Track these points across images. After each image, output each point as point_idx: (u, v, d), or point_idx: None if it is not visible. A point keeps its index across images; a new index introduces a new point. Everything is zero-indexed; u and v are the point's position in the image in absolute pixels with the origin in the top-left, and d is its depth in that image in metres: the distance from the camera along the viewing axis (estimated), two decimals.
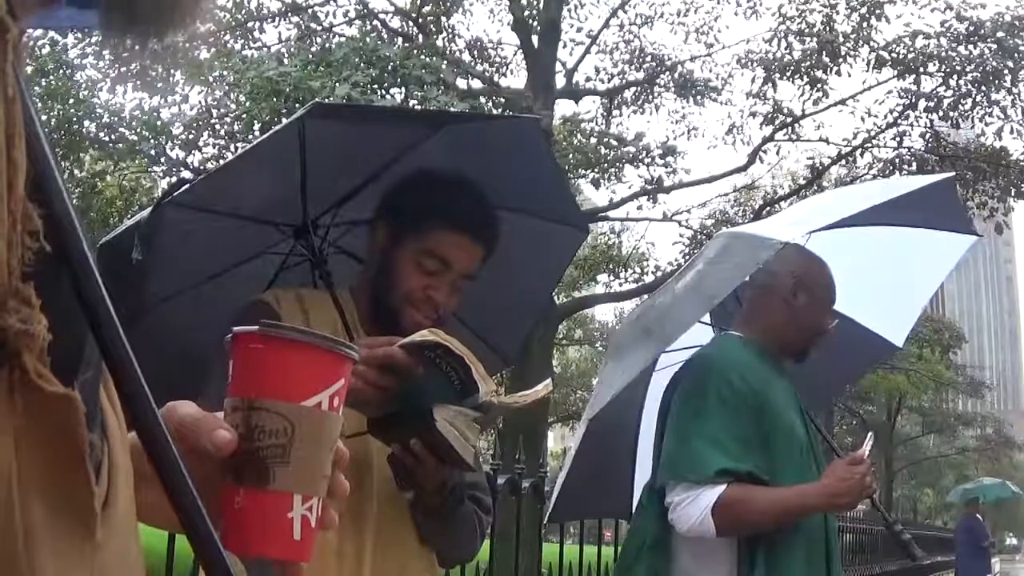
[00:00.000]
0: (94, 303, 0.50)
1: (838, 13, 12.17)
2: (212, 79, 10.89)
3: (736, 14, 14.01)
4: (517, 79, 13.54)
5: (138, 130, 11.28)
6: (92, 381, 0.53)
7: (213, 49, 11.16)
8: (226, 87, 10.53)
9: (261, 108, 9.54)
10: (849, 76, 12.34)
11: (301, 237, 1.92)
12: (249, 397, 0.70)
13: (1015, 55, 11.19)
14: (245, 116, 10.09)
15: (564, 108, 13.48)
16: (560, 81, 13.01)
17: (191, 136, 11.40)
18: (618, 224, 16.32)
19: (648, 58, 13.61)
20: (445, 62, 11.10)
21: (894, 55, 11.93)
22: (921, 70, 11.90)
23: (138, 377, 0.52)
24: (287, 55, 10.80)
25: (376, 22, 12.66)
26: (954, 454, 34.54)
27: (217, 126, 11.35)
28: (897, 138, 12.69)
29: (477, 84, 12.21)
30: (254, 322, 0.73)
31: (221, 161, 10.92)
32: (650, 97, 13.75)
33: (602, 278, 16.31)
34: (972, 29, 11.39)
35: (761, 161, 13.75)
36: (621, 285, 15.51)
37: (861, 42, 12.09)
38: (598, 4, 14.19)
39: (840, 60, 12.05)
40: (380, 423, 1.57)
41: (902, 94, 12.32)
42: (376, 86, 9.63)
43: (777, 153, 13.65)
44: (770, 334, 2.38)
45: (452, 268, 1.73)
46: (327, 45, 11.33)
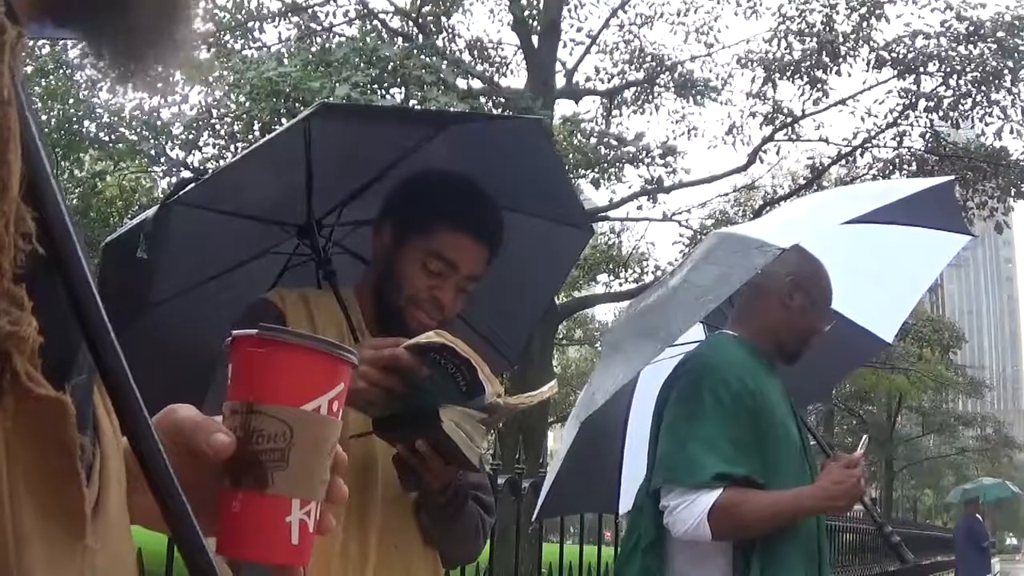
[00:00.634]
0: (86, 308, 0.50)
1: (838, 13, 12.17)
2: (212, 79, 10.89)
3: (736, 14, 14.03)
4: (517, 79, 13.56)
5: (138, 130, 11.28)
6: (85, 384, 0.53)
7: (213, 49, 11.15)
8: (226, 87, 10.53)
9: (261, 108, 9.53)
10: (849, 76, 12.35)
11: (305, 236, 1.91)
12: (248, 401, 0.69)
13: (1015, 55, 11.18)
14: (245, 116, 10.09)
15: (564, 108, 13.49)
16: (560, 81, 13.01)
17: (191, 136, 11.40)
18: (618, 224, 16.31)
19: (648, 58, 13.61)
20: (445, 62, 11.10)
21: (894, 55, 11.93)
22: (921, 70, 11.90)
23: (129, 382, 0.52)
24: (287, 55, 10.79)
25: (376, 22, 12.66)
26: (954, 454, 34.53)
27: (217, 126, 11.34)
28: (897, 138, 12.70)
29: (477, 84, 12.21)
30: (258, 321, 0.73)
31: (221, 161, 10.94)
32: (650, 97, 13.75)
33: (602, 278, 16.31)
34: (972, 29, 11.39)
35: (761, 161, 13.77)
36: (621, 285, 15.52)
37: (861, 42, 12.09)
38: (598, 4, 14.22)
39: (840, 60, 12.05)
40: (385, 424, 1.57)
41: (902, 94, 12.32)
42: (376, 86, 9.63)
43: (777, 153, 13.68)
44: (765, 335, 2.36)
45: (457, 270, 1.73)
46: (327, 45, 11.32)
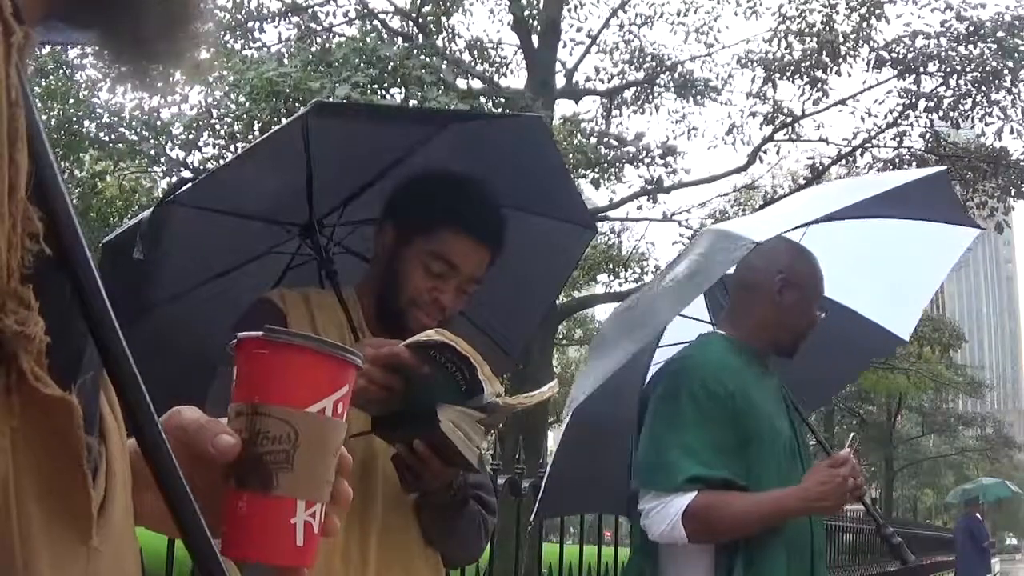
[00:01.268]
0: (94, 307, 0.50)
1: (838, 13, 12.17)
2: (212, 79, 10.89)
3: (736, 14, 14.03)
4: (517, 79, 13.55)
5: (138, 130, 11.29)
6: (91, 384, 0.53)
7: (213, 49, 11.14)
8: (226, 87, 10.53)
9: (261, 109, 9.54)
10: (849, 76, 12.35)
11: (307, 236, 1.91)
12: (253, 402, 0.69)
13: (1015, 55, 11.18)
14: (245, 116, 10.09)
15: (564, 108, 13.49)
16: (560, 81, 13.01)
17: (191, 136, 11.40)
18: (618, 224, 16.30)
19: (648, 58, 13.60)
20: (445, 62, 11.10)
21: (894, 55, 11.93)
22: (921, 70, 11.90)
23: (138, 383, 0.52)
24: (287, 55, 10.80)
25: (376, 22, 12.66)
26: (954, 454, 34.53)
27: (217, 126, 11.34)
28: (897, 138, 12.69)
29: (477, 84, 12.20)
30: (260, 320, 0.73)
31: (221, 161, 10.94)
32: (650, 97, 13.75)
33: (602, 278, 16.30)
34: (972, 29, 11.39)
35: (761, 161, 13.76)
36: (621, 285, 15.50)
37: (861, 42, 12.09)
38: (598, 4, 14.20)
39: (840, 60, 12.05)
40: (384, 423, 1.57)
41: (902, 94, 12.31)
42: (376, 86, 9.63)
43: (777, 153, 13.66)
44: (758, 333, 2.34)
45: (459, 271, 1.73)
46: (327, 45, 11.33)
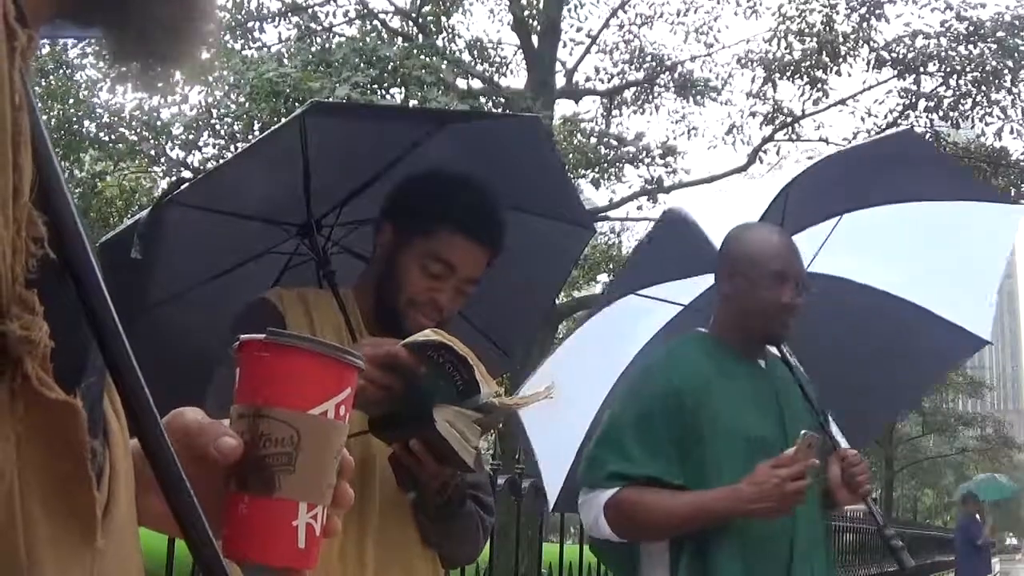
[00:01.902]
0: (98, 311, 0.50)
1: (838, 13, 12.17)
2: (212, 79, 10.89)
3: (736, 14, 14.05)
4: (517, 79, 13.54)
5: (138, 130, 11.29)
6: (95, 387, 0.53)
7: (213, 49, 11.14)
8: (226, 87, 10.53)
9: (261, 109, 9.54)
10: (849, 76, 12.35)
11: (305, 236, 1.92)
12: (255, 404, 0.69)
13: (1015, 55, 11.19)
14: (245, 117, 10.09)
15: (564, 108, 13.49)
16: (560, 81, 13.00)
17: (191, 136, 11.40)
18: (618, 224, 16.30)
19: (648, 58, 13.60)
20: (445, 62, 11.10)
21: (894, 55, 11.93)
22: (921, 70, 11.91)
23: (142, 386, 0.52)
24: (287, 55, 10.80)
25: (376, 22, 12.66)
26: (954, 454, 34.51)
27: (217, 126, 11.34)
28: None
29: (477, 84, 12.20)
30: (258, 320, 0.73)
31: (221, 161, 10.93)
32: (650, 97, 13.74)
33: (602, 278, 16.28)
34: (972, 29, 11.40)
35: (761, 161, 13.76)
36: None
37: (861, 42, 12.09)
38: (598, 4, 14.22)
39: (840, 60, 12.06)
40: (381, 423, 1.57)
41: (902, 94, 12.32)
42: (376, 86, 9.63)
43: (777, 153, 13.67)
44: (728, 327, 2.31)
45: (457, 272, 1.73)
46: (327, 45, 11.32)
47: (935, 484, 38.83)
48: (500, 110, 10.62)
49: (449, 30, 13.26)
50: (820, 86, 12.32)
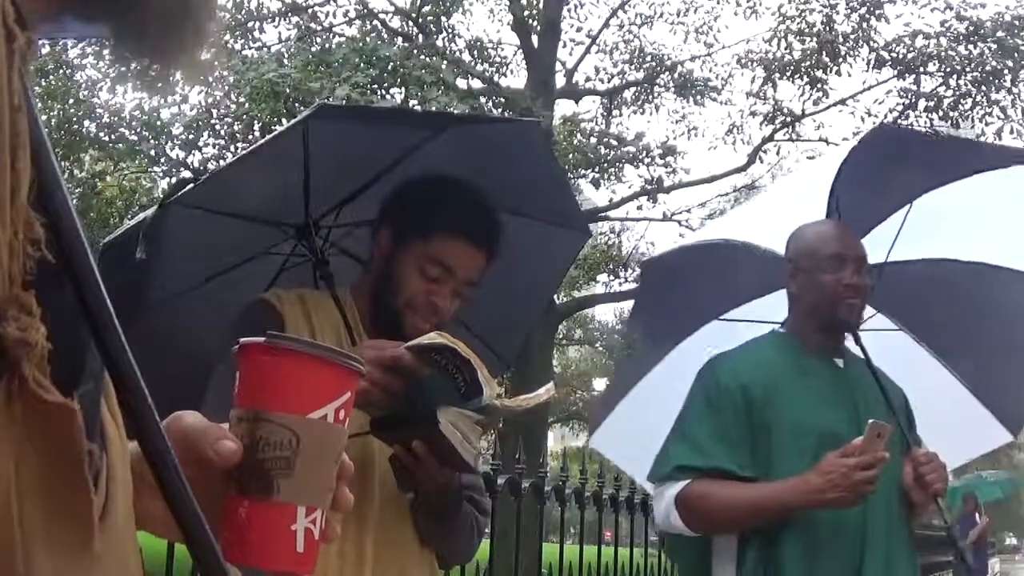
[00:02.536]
0: (98, 314, 0.50)
1: (838, 13, 12.16)
2: (212, 79, 10.88)
3: (736, 14, 14.01)
4: (517, 79, 13.52)
5: (138, 130, 11.27)
6: (93, 391, 0.53)
7: (213, 49, 11.13)
8: (226, 88, 10.52)
9: (261, 109, 9.53)
10: (849, 76, 12.33)
11: (303, 237, 1.92)
12: (255, 408, 0.69)
13: (1015, 55, 11.18)
14: (245, 117, 10.09)
15: (564, 108, 13.47)
16: (560, 81, 13.00)
17: (191, 136, 11.38)
18: (618, 224, 16.27)
19: (648, 58, 13.58)
20: (445, 62, 11.09)
21: (894, 55, 11.92)
22: (921, 70, 11.90)
23: (142, 388, 0.52)
24: (287, 55, 10.78)
25: (376, 22, 12.65)
26: None
27: (217, 126, 11.33)
28: None
29: (477, 84, 12.19)
30: (257, 321, 0.73)
31: (221, 161, 10.93)
32: (650, 97, 13.73)
33: (602, 278, 16.26)
34: (972, 29, 11.39)
35: (761, 161, 13.74)
36: (621, 285, 15.47)
37: (861, 42, 12.08)
38: (598, 4, 14.19)
39: (840, 60, 12.04)
40: (383, 423, 1.57)
41: (902, 94, 12.30)
42: (376, 86, 9.62)
43: (777, 153, 13.64)
44: (801, 323, 2.34)
45: (455, 275, 1.73)
46: (327, 45, 11.31)
47: None
48: (500, 110, 10.62)
49: (449, 30, 13.25)
50: (820, 86, 12.31)
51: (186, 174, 10.58)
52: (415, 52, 10.36)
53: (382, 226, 1.80)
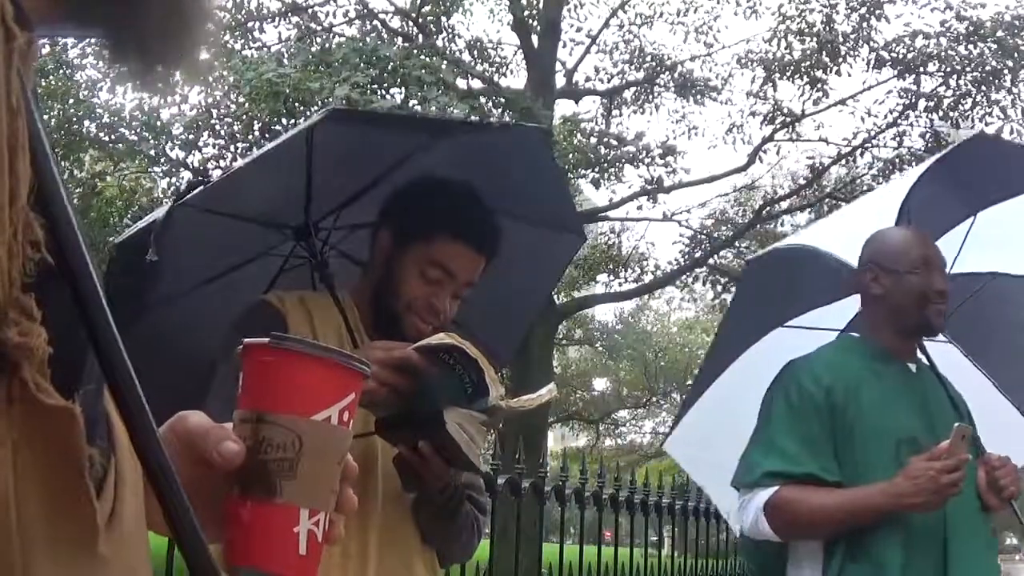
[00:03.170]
0: (94, 317, 0.50)
1: (838, 13, 12.15)
2: (212, 79, 10.88)
3: (736, 14, 14.00)
4: (517, 79, 13.53)
5: (138, 130, 11.27)
6: (95, 393, 0.53)
7: (213, 49, 11.12)
8: (226, 88, 10.52)
9: (261, 109, 9.53)
10: (849, 76, 12.34)
11: (302, 239, 1.92)
12: (258, 410, 0.69)
13: (1015, 55, 11.18)
14: (245, 117, 10.09)
15: (564, 108, 13.46)
16: (560, 81, 13.00)
17: (191, 136, 11.38)
18: (618, 224, 16.28)
19: (648, 58, 13.58)
20: (445, 62, 11.09)
21: (894, 55, 11.92)
22: (921, 70, 11.90)
23: (137, 392, 0.51)
24: (287, 55, 10.78)
25: (376, 22, 12.65)
26: None
27: (217, 126, 11.33)
28: (897, 138, 12.68)
29: (477, 84, 12.19)
30: (259, 322, 0.73)
31: (221, 161, 10.93)
32: (650, 97, 13.73)
33: (602, 278, 16.27)
34: (972, 29, 11.38)
35: (761, 161, 13.75)
36: (621, 285, 15.49)
37: (861, 42, 12.08)
38: (598, 4, 14.18)
39: (840, 60, 12.04)
40: (387, 423, 1.57)
41: (902, 94, 12.31)
42: (376, 86, 9.61)
43: (777, 153, 13.66)
44: (879, 328, 2.33)
45: (455, 278, 1.74)
46: (327, 45, 11.31)
47: None
48: (500, 110, 10.61)
49: (449, 30, 13.25)
50: (820, 86, 12.31)
51: (186, 174, 10.59)
52: (415, 52, 10.36)
53: (382, 228, 1.80)
